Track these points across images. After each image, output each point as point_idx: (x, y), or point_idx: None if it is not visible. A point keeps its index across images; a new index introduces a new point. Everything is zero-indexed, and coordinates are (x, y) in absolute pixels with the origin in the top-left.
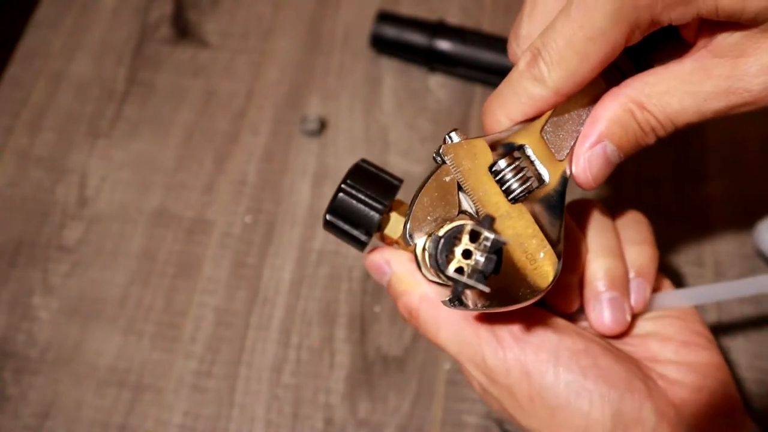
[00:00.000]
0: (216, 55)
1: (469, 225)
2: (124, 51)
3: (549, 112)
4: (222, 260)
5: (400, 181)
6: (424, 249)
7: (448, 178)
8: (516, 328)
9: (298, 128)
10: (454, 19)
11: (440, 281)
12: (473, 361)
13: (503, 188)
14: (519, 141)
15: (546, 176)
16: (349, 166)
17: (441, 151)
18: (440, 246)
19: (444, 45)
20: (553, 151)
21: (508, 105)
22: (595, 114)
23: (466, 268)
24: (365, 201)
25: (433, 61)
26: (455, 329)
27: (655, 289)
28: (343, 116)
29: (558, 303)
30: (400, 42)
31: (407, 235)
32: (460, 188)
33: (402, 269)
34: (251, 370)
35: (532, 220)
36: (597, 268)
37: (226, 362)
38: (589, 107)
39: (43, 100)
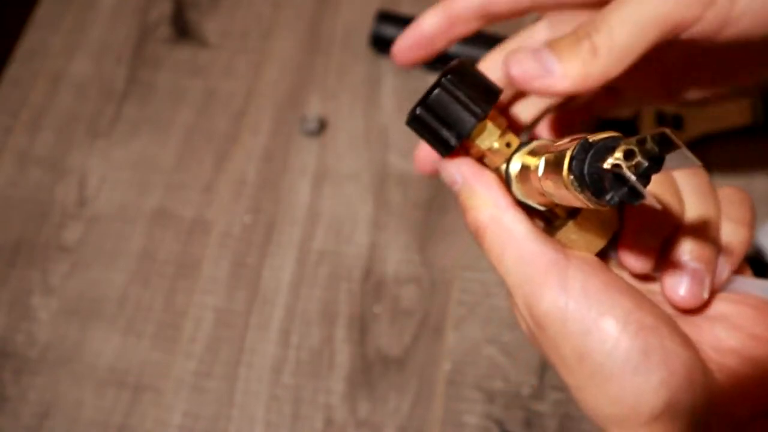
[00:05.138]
0: (216, 55)
1: (626, 141)
2: (124, 51)
3: None
4: (221, 260)
5: (501, 89)
6: (526, 167)
7: None
8: (588, 283)
9: (298, 128)
10: None
11: (530, 202)
12: (527, 301)
13: None
14: None
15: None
16: (349, 166)
17: None
18: (591, 153)
19: None
20: None
21: None
22: None
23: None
24: (464, 102)
25: (433, 60)
26: (525, 259)
27: (736, 272)
28: (343, 116)
29: (631, 262)
30: None
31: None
32: None
33: (477, 182)
34: (251, 371)
35: None
36: (690, 235)
37: (226, 362)
38: None
39: (42, 100)
